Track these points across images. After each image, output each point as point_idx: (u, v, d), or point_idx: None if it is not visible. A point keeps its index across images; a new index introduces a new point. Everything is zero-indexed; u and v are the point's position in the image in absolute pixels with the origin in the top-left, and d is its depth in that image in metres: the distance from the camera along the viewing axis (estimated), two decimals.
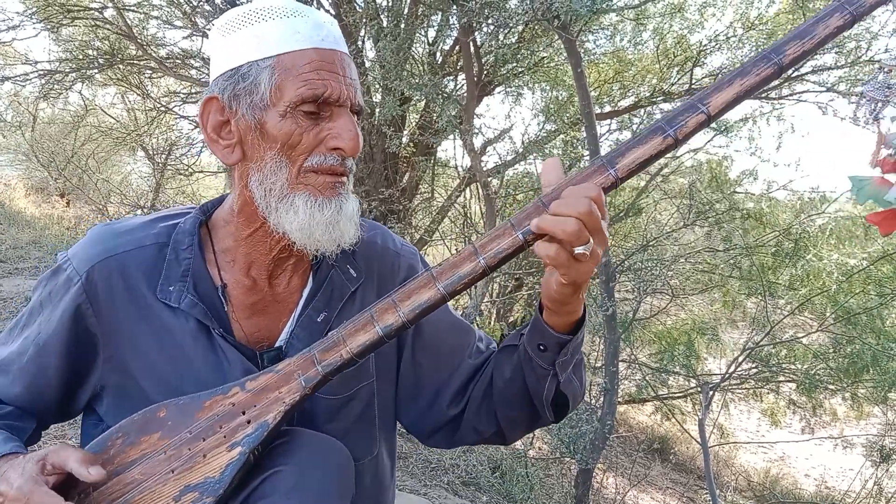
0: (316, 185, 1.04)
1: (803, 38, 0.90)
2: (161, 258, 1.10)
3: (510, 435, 1.22)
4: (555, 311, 1.02)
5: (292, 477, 0.96)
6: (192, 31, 6.32)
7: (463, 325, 1.27)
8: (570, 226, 0.85)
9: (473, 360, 1.23)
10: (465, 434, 1.23)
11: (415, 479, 3.71)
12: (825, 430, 7.86)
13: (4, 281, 5.60)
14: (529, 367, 1.09)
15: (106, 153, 10.83)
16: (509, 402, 1.15)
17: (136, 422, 1.00)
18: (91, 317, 1.08)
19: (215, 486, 0.94)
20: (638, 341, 7.35)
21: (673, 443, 8.68)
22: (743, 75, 0.90)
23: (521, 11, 4.06)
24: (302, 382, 0.97)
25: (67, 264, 1.10)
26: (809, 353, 6.38)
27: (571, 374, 1.10)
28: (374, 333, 0.95)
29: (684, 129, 0.90)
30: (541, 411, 1.13)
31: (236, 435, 0.96)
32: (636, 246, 6.15)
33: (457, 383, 1.22)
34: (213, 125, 1.07)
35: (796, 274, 6.31)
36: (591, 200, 0.86)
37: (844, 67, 5.74)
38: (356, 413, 1.18)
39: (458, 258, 0.94)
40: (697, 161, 7.05)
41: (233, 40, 1.05)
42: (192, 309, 1.07)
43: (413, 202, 6.90)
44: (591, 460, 4.61)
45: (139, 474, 0.98)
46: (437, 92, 5.17)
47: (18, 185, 12.00)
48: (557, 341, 1.04)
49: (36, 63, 7.05)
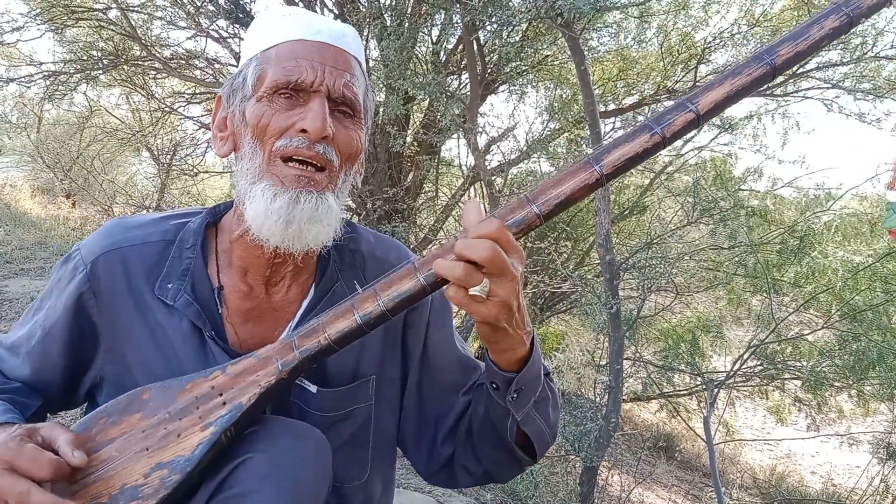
0: (280, 175, 1.01)
1: (797, 39, 0.89)
2: (165, 255, 1.11)
3: (499, 475, 1.18)
4: (491, 350, 1.00)
5: (265, 464, 0.95)
6: (196, 31, 6.33)
7: (469, 364, 1.24)
8: (457, 271, 0.84)
9: (465, 396, 1.20)
10: (459, 475, 1.20)
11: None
12: (831, 428, 7.83)
13: (10, 281, 5.63)
14: (491, 405, 1.07)
15: (111, 154, 10.87)
16: (487, 440, 1.12)
17: (120, 402, 1.02)
18: (93, 307, 1.09)
19: (184, 464, 0.95)
20: (643, 339, 7.34)
21: (678, 440, 8.67)
22: (734, 76, 0.90)
23: (525, 9, 4.06)
24: (279, 366, 0.97)
25: (76, 253, 1.12)
26: (815, 351, 6.36)
27: (533, 412, 1.06)
28: (353, 321, 0.94)
29: (672, 127, 0.90)
30: (510, 451, 1.10)
31: (211, 416, 0.97)
32: (640, 244, 6.13)
33: (451, 421, 1.19)
34: (218, 122, 1.11)
35: (801, 271, 6.29)
36: (484, 239, 0.83)
37: (850, 64, 5.72)
38: (347, 435, 1.15)
39: (441, 250, 0.93)
40: (702, 159, 7.04)
41: (243, 47, 1.10)
42: (186, 309, 1.08)
43: (417, 201, 6.90)
44: (595, 458, 4.61)
45: (115, 451, 0.99)
46: (441, 91, 5.17)
47: (24, 186, 12.05)
48: (503, 378, 1.02)
49: (40, 64, 7.07)
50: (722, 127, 6.13)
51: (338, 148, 1.04)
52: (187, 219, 1.16)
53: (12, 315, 4.72)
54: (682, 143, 6.91)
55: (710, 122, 6.28)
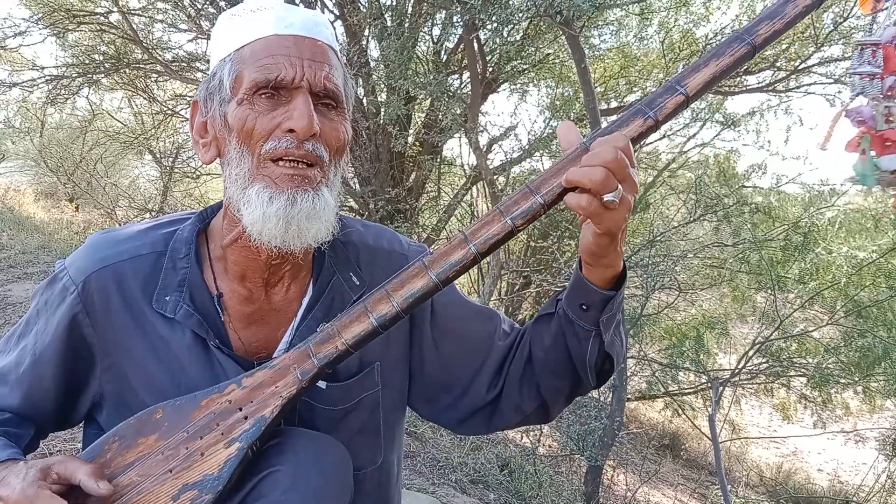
0: (272, 176, 0.99)
1: (773, 18, 0.94)
2: (158, 267, 1.08)
3: (553, 407, 1.19)
4: (594, 266, 1.01)
5: (288, 476, 0.95)
6: (197, 34, 6.35)
7: (486, 312, 1.25)
8: (597, 174, 0.87)
9: (503, 341, 1.21)
10: (505, 414, 1.21)
11: (423, 478, 3.70)
12: (837, 424, 7.80)
13: (14, 286, 5.64)
14: (571, 331, 1.07)
15: (114, 157, 10.91)
16: (551, 371, 1.13)
17: (131, 425, 1.00)
18: (88, 327, 1.07)
19: (214, 482, 0.94)
20: (647, 337, 7.32)
21: (683, 439, 8.65)
22: (718, 56, 0.93)
23: (525, 8, 4.05)
24: (298, 376, 0.97)
25: (63, 273, 1.09)
26: (820, 347, 6.34)
27: (614, 333, 1.08)
28: (369, 324, 0.95)
29: (664, 110, 0.92)
30: (583, 376, 1.11)
31: (234, 431, 0.96)
32: (644, 241, 6.12)
33: (492, 367, 1.20)
34: (197, 127, 1.08)
35: (806, 268, 6.27)
36: (617, 149, 0.88)
37: (851, 59, 5.70)
38: (359, 424, 1.15)
39: (450, 246, 0.94)
40: (704, 155, 7.02)
41: (212, 48, 1.07)
42: (187, 320, 1.05)
43: (419, 201, 6.90)
44: (600, 457, 4.60)
45: (137, 476, 0.97)
46: (442, 90, 5.17)
47: (27, 190, 12.09)
48: (601, 297, 1.03)
49: (43, 69, 7.10)
50: (725, 123, 6.12)
51: (326, 142, 1.02)
52: (174, 227, 1.13)
53: (16, 319, 4.73)
54: (685, 140, 6.91)
55: (713, 119, 6.27)
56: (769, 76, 6.25)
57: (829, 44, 5.71)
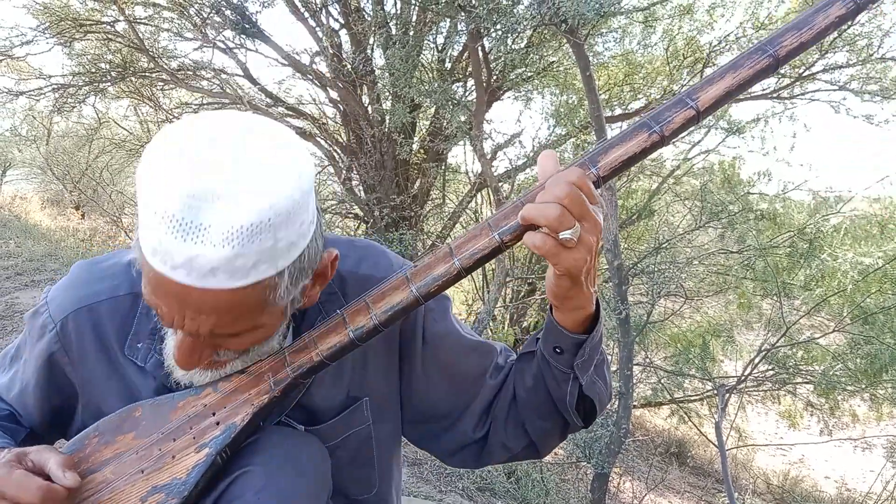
0: None
1: (801, 28, 0.84)
2: (134, 310, 1.04)
3: (543, 447, 1.15)
4: (560, 308, 0.97)
5: (262, 476, 0.93)
6: (203, 42, 6.38)
7: (482, 347, 1.19)
8: (550, 211, 0.82)
9: (494, 379, 1.17)
10: (493, 451, 1.17)
11: (430, 485, 3.70)
12: (844, 432, 7.76)
13: (21, 293, 5.66)
14: (549, 372, 1.04)
15: (120, 165, 10.96)
16: (535, 411, 1.09)
17: (112, 421, 0.99)
18: (67, 364, 1.06)
19: (181, 487, 0.93)
20: (653, 344, 7.31)
21: (690, 446, 8.62)
22: (735, 68, 0.84)
23: (529, 16, 4.07)
24: (272, 384, 0.94)
25: (45, 309, 1.07)
26: (827, 354, 6.31)
27: (594, 375, 1.04)
28: (345, 335, 0.92)
29: (671, 125, 0.85)
30: (567, 418, 1.07)
31: (205, 436, 0.95)
32: (649, 248, 6.12)
33: (479, 407, 1.16)
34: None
35: (811, 274, 6.25)
36: (571, 184, 0.82)
37: (856, 65, 5.70)
38: (348, 457, 1.13)
39: (433, 259, 0.90)
40: (709, 162, 7.02)
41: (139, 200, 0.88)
42: (156, 370, 1.02)
43: (424, 208, 6.91)
44: (607, 464, 4.59)
45: (111, 473, 0.96)
46: (447, 98, 5.18)
47: (34, 198, 12.15)
48: (573, 342, 0.99)
49: (49, 77, 7.13)
50: (729, 130, 6.12)
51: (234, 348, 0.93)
52: None
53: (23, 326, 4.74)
54: (690, 147, 6.91)
55: (717, 126, 6.27)
56: (773, 83, 6.25)
57: (834, 51, 5.70)
